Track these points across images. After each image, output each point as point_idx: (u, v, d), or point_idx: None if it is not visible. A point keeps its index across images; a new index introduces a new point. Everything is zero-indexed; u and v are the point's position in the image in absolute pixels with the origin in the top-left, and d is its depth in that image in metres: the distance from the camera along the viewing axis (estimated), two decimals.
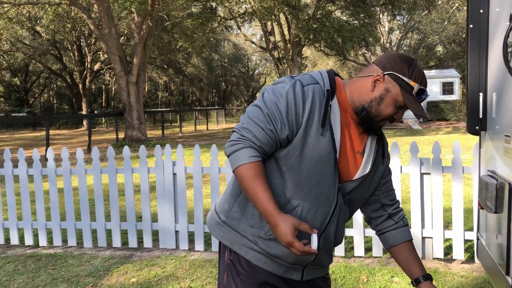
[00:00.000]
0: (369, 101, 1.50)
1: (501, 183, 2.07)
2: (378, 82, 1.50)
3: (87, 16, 17.22)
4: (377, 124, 1.53)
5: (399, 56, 1.52)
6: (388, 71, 1.48)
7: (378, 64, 1.52)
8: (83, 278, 3.88)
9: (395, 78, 1.48)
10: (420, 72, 1.49)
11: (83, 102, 32.56)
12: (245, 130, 1.45)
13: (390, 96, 1.49)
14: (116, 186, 4.63)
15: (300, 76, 1.51)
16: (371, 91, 1.50)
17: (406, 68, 1.48)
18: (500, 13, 2.21)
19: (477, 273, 3.73)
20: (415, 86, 1.47)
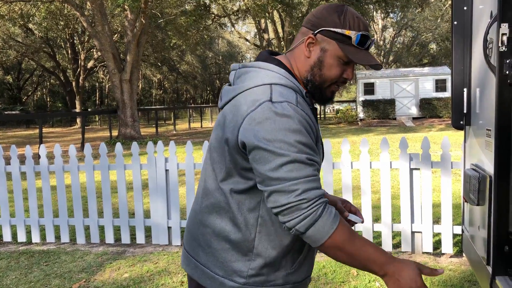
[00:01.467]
0: (309, 69, 1.33)
1: (483, 176, 2.12)
2: (312, 45, 1.32)
3: (80, 13, 17.17)
4: (328, 91, 1.36)
5: (324, 7, 1.33)
6: (318, 29, 1.30)
7: (306, 25, 1.34)
8: (76, 274, 3.91)
9: (328, 34, 1.30)
10: (355, 16, 1.31)
11: (77, 100, 32.47)
12: (303, 193, 1.18)
13: (329, 56, 1.31)
14: (109, 183, 4.65)
15: (277, 94, 1.25)
16: (308, 57, 1.33)
17: (336, 18, 1.30)
18: (483, 10, 2.26)
19: (465, 266, 3.79)
20: (352, 34, 1.28)
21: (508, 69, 1.89)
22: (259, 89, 1.26)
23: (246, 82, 1.31)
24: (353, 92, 49.22)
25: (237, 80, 1.36)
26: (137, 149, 4.59)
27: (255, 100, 1.24)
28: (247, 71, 1.34)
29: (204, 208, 1.38)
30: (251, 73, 1.32)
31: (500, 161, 1.96)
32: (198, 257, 1.39)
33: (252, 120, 1.21)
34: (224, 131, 1.29)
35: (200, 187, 1.42)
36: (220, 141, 1.31)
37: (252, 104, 1.23)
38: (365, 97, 25.54)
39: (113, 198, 6.57)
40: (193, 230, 1.42)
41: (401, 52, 42.33)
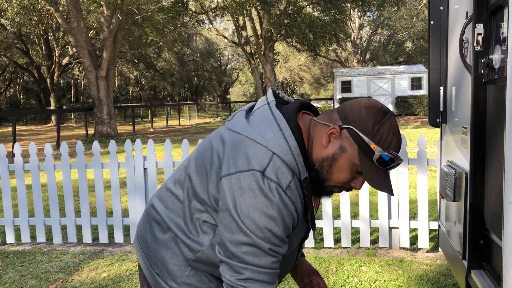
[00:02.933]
0: (320, 160, 1.21)
1: (459, 172, 2.17)
2: (334, 136, 1.20)
3: (54, 9, 16.83)
4: (328, 190, 1.26)
5: (366, 106, 1.19)
6: (347, 125, 1.18)
7: (339, 113, 1.22)
8: (53, 274, 3.85)
9: (353, 135, 1.17)
10: (391, 131, 1.17)
11: (51, 97, 31.84)
12: (247, 281, 1.16)
13: (344, 158, 1.19)
14: (86, 181, 4.59)
15: (272, 170, 1.16)
16: (324, 147, 1.21)
17: (370, 124, 1.16)
18: (458, 10, 2.31)
19: (440, 261, 3.87)
20: (377, 150, 1.15)
21: (483, 68, 1.94)
22: (261, 150, 1.17)
23: (256, 128, 1.21)
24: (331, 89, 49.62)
25: (256, 113, 1.27)
26: (115, 147, 4.54)
27: (250, 160, 1.16)
28: (267, 116, 1.23)
29: (160, 201, 1.37)
30: (267, 124, 1.21)
31: (475, 157, 2.01)
32: (144, 247, 1.38)
33: (238, 180, 1.15)
34: (213, 158, 1.24)
35: (166, 184, 1.40)
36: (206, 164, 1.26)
37: (246, 163, 1.16)
38: (342, 94, 25.77)
39: (90, 197, 6.48)
40: (146, 218, 1.40)
41: (378, 50, 42.86)
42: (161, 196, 1.37)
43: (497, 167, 1.81)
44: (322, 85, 54.44)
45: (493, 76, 1.90)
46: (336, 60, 40.75)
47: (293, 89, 58.83)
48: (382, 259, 3.94)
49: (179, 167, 1.39)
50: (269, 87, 23.93)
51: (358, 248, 4.26)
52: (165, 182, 1.40)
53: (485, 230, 2.01)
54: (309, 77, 51.44)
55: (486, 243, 2.01)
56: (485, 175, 1.99)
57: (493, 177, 1.89)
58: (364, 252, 4.15)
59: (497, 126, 1.81)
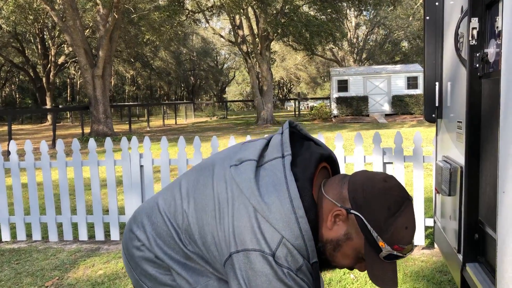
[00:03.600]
0: (324, 241, 1.12)
1: (454, 167, 2.18)
2: (339, 219, 1.10)
3: (50, 7, 16.78)
4: (331, 267, 1.19)
5: (382, 191, 1.06)
6: (356, 211, 1.06)
7: (350, 192, 1.09)
8: (49, 272, 3.83)
9: (362, 226, 1.06)
10: (403, 226, 1.05)
11: (47, 96, 31.75)
12: None
13: (350, 246, 1.09)
14: (82, 179, 4.58)
15: (282, 254, 1.07)
16: (329, 229, 1.11)
17: (382, 217, 1.04)
18: (454, 5, 2.32)
19: (436, 257, 3.89)
20: (384, 250, 1.05)
21: (478, 62, 1.95)
22: (270, 230, 1.07)
23: (266, 199, 1.09)
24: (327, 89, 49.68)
25: (268, 171, 1.14)
26: (111, 145, 4.53)
27: (259, 240, 1.07)
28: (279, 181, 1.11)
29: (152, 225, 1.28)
30: (278, 195, 1.09)
31: (470, 152, 2.02)
32: (129, 258, 1.33)
33: (249, 261, 1.07)
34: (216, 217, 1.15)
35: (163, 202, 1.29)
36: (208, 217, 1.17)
37: (255, 243, 1.07)
38: (338, 94, 25.81)
39: (86, 195, 6.46)
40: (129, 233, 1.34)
41: (374, 49, 42.93)
42: (153, 220, 1.28)
43: (492, 161, 1.82)
44: (319, 84, 54.49)
45: (488, 70, 1.91)
46: (333, 59, 40.80)
47: (290, 89, 58.85)
48: None
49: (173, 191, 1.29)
50: (266, 86, 23.90)
51: None
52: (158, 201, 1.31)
53: (480, 223, 2.01)
54: (306, 76, 51.47)
55: (481, 237, 2.01)
56: (480, 169, 2.00)
57: (488, 171, 1.89)
58: None
59: (492, 120, 1.82)
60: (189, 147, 11.88)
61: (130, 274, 1.35)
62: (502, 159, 1.38)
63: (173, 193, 1.28)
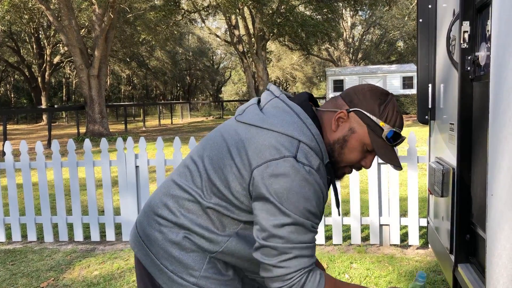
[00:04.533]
0: (331, 143, 1.28)
1: (446, 168, 2.20)
2: (342, 120, 1.27)
3: (45, 7, 16.72)
4: (341, 171, 1.33)
5: (369, 89, 1.28)
6: (354, 108, 1.26)
7: (344, 98, 1.30)
8: (44, 273, 3.84)
9: (362, 117, 1.26)
10: (395, 110, 1.27)
11: (43, 96, 31.64)
12: (294, 260, 1.19)
13: (355, 138, 1.26)
14: (77, 179, 4.58)
15: (302, 154, 1.20)
16: (334, 131, 1.28)
17: (376, 105, 1.26)
18: (446, 8, 2.34)
19: (430, 257, 3.91)
20: (385, 128, 1.25)
21: (469, 65, 1.97)
22: (287, 139, 1.21)
23: (276, 120, 1.24)
24: (323, 88, 49.72)
25: (269, 106, 1.30)
26: (106, 145, 4.53)
27: (279, 149, 1.19)
28: (283, 107, 1.28)
29: (173, 200, 1.33)
30: (286, 115, 1.25)
31: (462, 153, 2.04)
32: (150, 245, 1.35)
33: (271, 169, 1.18)
34: (233, 154, 1.24)
35: (174, 180, 1.36)
36: (224, 160, 1.26)
37: (275, 152, 1.19)
38: (334, 93, 25.85)
39: (82, 196, 6.46)
40: (150, 214, 1.37)
41: (370, 49, 43.02)
42: (174, 194, 1.34)
43: (483, 162, 1.84)
44: (315, 84, 54.54)
45: (479, 72, 1.93)
46: (329, 59, 40.86)
47: (286, 88, 58.89)
48: (373, 256, 3.97)
49: (186, 161, 1.37)
50: (262, 86, 23.89)
51: (349, 245, 4.30)
52: (173, 179, 1.37)
53: (472, 224, 2.04)
54: (302, 76, 51.52)
55: (472, 237, 2.04)
56: (472, 171, 2.03)
57: (479, 172, 1.92)
58: (355, 249, 4.18)
59: (483, 122, 1.84)
60: (185, 147, 11.88)
61: (148, 263, 1.35)
62: (491, 162, 1.40)
63: (185, 164, 1.36)
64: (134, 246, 1.41)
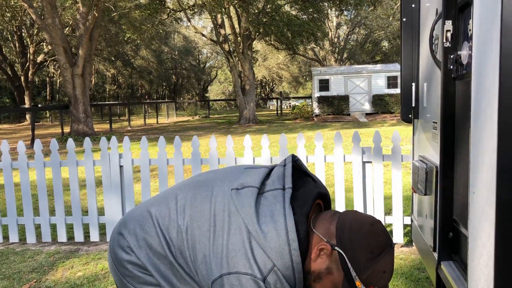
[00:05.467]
0: (306, 271, 1.18)
1: (430, 167, 2.21)
2: (323, 253, 1.16)
3: (28, 5, 16.48)
4: None
5: (367, 235, 1.12)
6: (339, 249, 1.12)
7: (338, 229, 1.15)
8: (26, 275, 3.78)
9: (343, 263, 1.12)
10: (382, 271, 1.10)
11: (26, 95, 31.19)
12: None
13: (329, 280, 1.15)
14: (61, 179, 4.52)
15: (271, 278, 1.13)
16: (313, 261, 1.17)
17: (364, 258, 1.10)
18: (429, 8, 2.36)
19: (414, 255, 3.94)
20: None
21: (452, 64, 1.99)
22: (263, 257, 1.13)
23: (264, 225, 1.15)
24: (309, 88, 49.90)
25: (269, 198, 1.20)
26: (90, 145, 4.48)
27: (252, 265, 1.13)
28: (277, 214, 1.16)
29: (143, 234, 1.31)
30: (275, 226, 1.15)
31: (445, 152, 2.06)
32: (116, 259, 1.35)
33: (238, 283, 1.12)
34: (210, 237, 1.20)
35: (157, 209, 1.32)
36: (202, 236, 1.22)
37: (248, 267, 1.12)
38: (320, 93, 25.96)
39: (65, 196, 6.38)
40: (118, 236, 1.36)
41: (355, 49, 43.27)
42: (146, 229, 1.30)
43: (465, 161, 1.86)
44: (301, 83, 54.69)
45: (462, 71, 1.95)
46: (314, 59, 41.00)
47: (272, 88, 58.95)
48: None
49: (167, 199, 1.33)
50: (248, 85, 23.88)
51: None
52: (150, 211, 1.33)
53: (454, 222, 2.05)
54: (288, 75, 51.63)
55: (455, 235, 2.06)
56: (455, 169, 2.04)
57: (462, 171, 1.93)
58: None
59: (466, 121, 1.85)
60: (170, 147, 11.81)
61: (114, 274, 1.37)
62: (473, 161, 1.41)
63: (169, 205, 1.30)
64: (109, 251, 1.41)
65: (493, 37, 1.29)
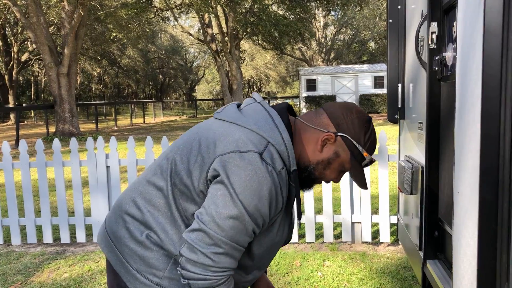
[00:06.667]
0: (315, 163, 1.31)
1: (415, 166, 2.24)
2: (328, 142, 1.30)
3: (12, 3, 16.26)
4: (314, 184, 1.38)
5: (358, 115, 1.31)
6: (343, 133, 1.29)
7: (331, 118, 1.31)
8: (11, 277, 3.73)
9: (348, 143, 1.29)
10: (374, 139, 1.33)
11: (10, 94, 30.76)
12: (222, 256, 1.20)
13: (338, 162, 1.31)
14: (46, 180, 4.47)
15: (268, 154, 1.22)
16: (319, 151, 1.30)
17: (362, 134, 1.30)
18: (415, 9, 2.39)
19: (401, 254, 3.99)
20: (367, 158, 1.32)
21: (437, 65, 2.01)
22: (257, 137, 1.23)
23: (250, 119, 1.27)
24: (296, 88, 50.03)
25: (248, 108, 1.33)
26: (76, 145, 4.44)
27: (247, 143, 1.21)
28: (260, 110, 1.31)
29: (140, 196, 1.34)
30: (261, 117, 1.28)
31: (430, 152, 2.09)
32: (117, 242, 1.36)
33: (235, 160, 1.19)
34: (202, 145, 1.26)
35: (145, 177, 1.38)
36: (192, 151, 1.27)
37: (243, 145, 1.21)
38: (307, 93, 26.06)
39: (51, 197, 6.31)
40: (119, 211, 1.38)
41: (342, 49, 43.51)
42: (142, 190, 1.34)
43: (450, 161, 1.88)
44: (288, 83, 54.81)
45: (447, 73, 1.97)
46: (302, 59, 41.13)
47: (260, 87, 58.98)
48: (345, 253, 4.02)
49: (159, 159, 1.38)
50: (236, 85, 23.85)
51: (322, 243, 4.33)
52: (144, 176, 1.38)
53: (440, 221, 2.08)
54: (275, 75, 51.70)
55: (440, 234, 2.09)
56: (440, 169, 2.07)
57: (447, 171, 1.96)
58: (327, 246, 4.23)
59: (450, 122, 1.88)
60: (157, 147, 11.76)
61: (114, 260, 1.36)
62: (457, 161, 1.44)
63: (158, 162, 1.37)
64: (101, 242, 1.41)
65: (476, 41, 1.32)
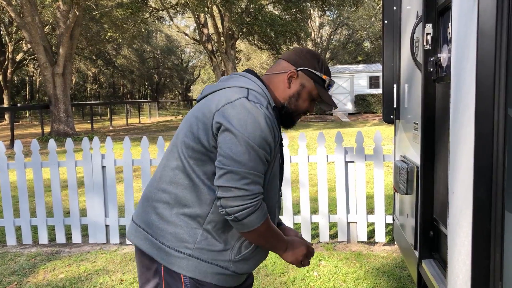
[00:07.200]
0: (287, 98, 1.57)
1: (411, 167, 2.25)
2: (293, 78, 1.56)
3: (6, 2, 16.18)
4: (295, 119, 1.62)
5: (307, 51, 1.60)
6: (301, 67, 1.56)
7: (289, 61, 1.58)
8: (6, 277, 3.72)
9: (309, 74, 1.56)
10: (327, 65, 1.61)
11: (5, 94, 30.59)
12: (251, 184, 1.39)
13: (306, 91, 1.57)
14: (42, 180, 4.46)
15: (252, 96, 1.47)
16: (288, 88, 1.57)
17: (316, 63, 1.57)
18: (410, 10, 2.40)
19: (396, 253, 4.01)
20: (327, 79, 1.58)
21: (432, 66, 2.03)
22: (238, 89, 1.47)
23: (227, 82, 1.52)
24: None
25: (222, 82, 1.56)
26: (72, 145, 4.44)
27: (232, 95, 1.44)
28: (232, 77, 1.56)
29: (162, 181, 1.52)
30: (235, 78, 1.54)
31: (426, 152, 2.10)
32: (148, 228, 1.53)
33: (229, 108, 1.40)
34: (198, 116, 1.46)
35: (161, 167, 1.56)
36: (192, 124, 1.47)
37: (230, 98, 1.44)
38: None
39: (46, 197, 6.29)
40: (147, 203, 1.57)
41: (337, 49, 43.56)
42: (161, 176, 1.53)
43: (445, 161, 1.90)
44: None
45: (441, 74, 1.99)
46: None
47: None
48: (341, 253, 4.03)
49: (167, 152, 1.57)
50: None
51: (318, 242, 4.35)
52: (158, 168, 1.57)
53: (435, 221, 2.10)
54: None
55: (435, 234, 2.10)
56: (435, 169, 2.09)
57: (442, 171, 1.98)
58: (323, 246, 4.24)
59: (445, 122, 1.89)
60: (153, 147, 11.74)
61: (146, 245, 1.52)
62: (452, 161, 1.45)
63: (166, 154, 1.57)
64: (130, 235, 1.59)
65: (471, 42, 1.33)
